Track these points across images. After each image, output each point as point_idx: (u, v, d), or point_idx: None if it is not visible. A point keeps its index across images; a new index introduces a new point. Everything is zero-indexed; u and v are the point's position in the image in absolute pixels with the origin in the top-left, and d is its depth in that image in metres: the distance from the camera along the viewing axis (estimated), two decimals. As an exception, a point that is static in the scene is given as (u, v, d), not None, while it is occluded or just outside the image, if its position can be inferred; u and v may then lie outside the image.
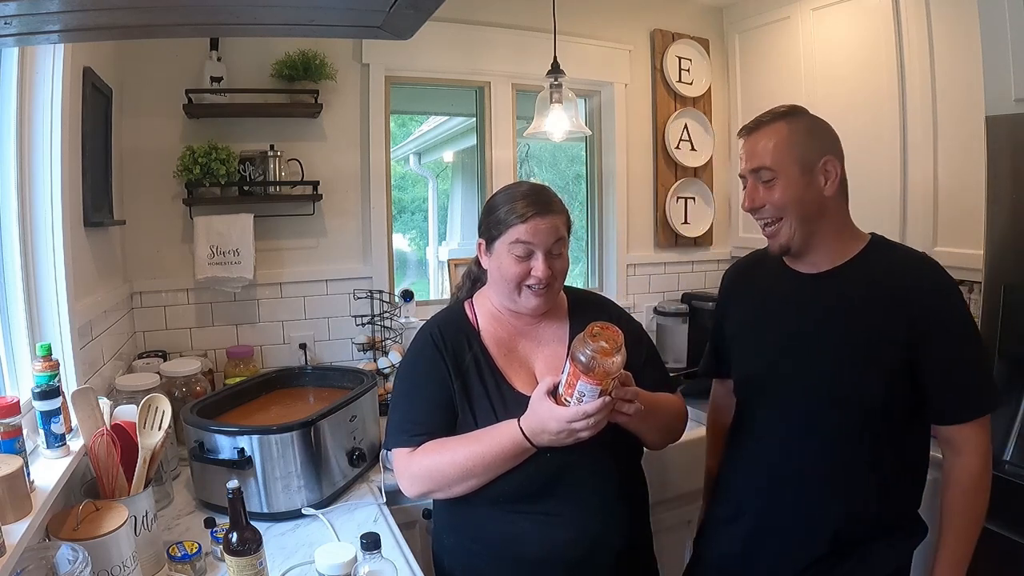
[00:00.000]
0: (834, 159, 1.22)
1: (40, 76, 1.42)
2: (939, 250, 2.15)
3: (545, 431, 1.12)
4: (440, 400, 1.28)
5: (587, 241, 3.10)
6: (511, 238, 1.26)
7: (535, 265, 1.26)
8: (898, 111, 2.24)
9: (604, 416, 1.10)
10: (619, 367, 1.08)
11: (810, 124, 1.25)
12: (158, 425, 1.36)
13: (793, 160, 1.21)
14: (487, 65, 2.64)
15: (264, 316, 2.36)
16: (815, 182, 1.22)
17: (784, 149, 1.21)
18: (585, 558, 1.23)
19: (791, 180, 1.21)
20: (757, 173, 1.24)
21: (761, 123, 1.26)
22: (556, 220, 1.27)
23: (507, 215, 1.27)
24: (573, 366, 1.08)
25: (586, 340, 1.07)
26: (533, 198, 1.27)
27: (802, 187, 1.21)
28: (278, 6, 0.87)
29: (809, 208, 1.23)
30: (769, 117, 1.26)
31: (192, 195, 2.15)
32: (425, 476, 1.25)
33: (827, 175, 1.22)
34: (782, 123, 1.24)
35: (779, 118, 1.25)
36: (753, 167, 1.25)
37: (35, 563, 1.00)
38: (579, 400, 1.08)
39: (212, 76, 2.14)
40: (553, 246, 1.26)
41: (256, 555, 1.17)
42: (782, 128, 1.23)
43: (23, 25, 0.79)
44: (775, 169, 1.22)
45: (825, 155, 1.22)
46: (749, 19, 2.89)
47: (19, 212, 1.38)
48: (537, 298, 1.29)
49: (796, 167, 1.21)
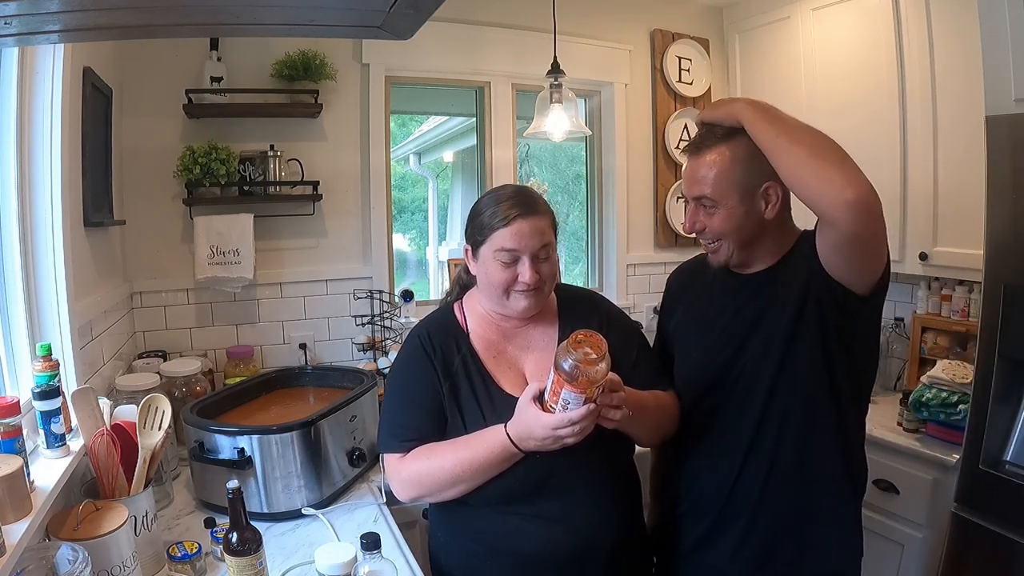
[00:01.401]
0: (775, 184, 1.21)
1: (40, 76, 1.42)
2: (939, 250, 2.16)
3: (531, 437, 1.13)
4: (429, 404, 1.28)
5: (587, 241, 3.10)
6: (496, 245, 1.24)
7: (522, 271, 1.24)
8: (898, 111, 2.24)
9: (590, 423, 1.10)
10: (603, 374, 1.07)
11: (751, 148, 1.20)
12: (158, 425, 1.36)
13: (733, 188, 1.22)
14: (487, 65, 2.64)
15: (264, 316, 2.36)
16: (755, 208, 1.23)
17: (725, 178, 1.22)
18: (579, 555, 1.24)
19: (731, 209, 1.23)
20: (699, 201, 1.26)
21: (703, 146, 1.25)
22: (540, 222, 1.25)
23: (490, 219, 1.25)
24: (557, 374, 1.07)
25: (569, 348, 1.06)
26: (516, 199, 1.25)
27: (741, 215, 1.23)
28: (278, 6, 0.87)
29: (748, 232, 1.25)
30: (711, 142, 1.24)
31: (192, 195, 2.15)
32: (415, 481, 1.25)
33: (768, 199, 1.23)
34: (723, 147, 1.22)
35: (721, 142, 1.23)
36: (694, 195, 1.26)
37: (35, 563, 1.00)
38: (564, 407, 1.08)
39: (212, 76, 2.14)
40: (540, 250, 1.25)
41: (256, 555, 1.17)
42: (724, 153, 1.22)
43: (23, 25, 0.79)
44: (715, 199, 1.23)
45: (766, 180, 1.21)
46: (749, 19, 2.88)
47: (19, 212, 1.38)
48: (526, 300, 1.27)
49: (736, 195, 1.22)
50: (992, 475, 1.63)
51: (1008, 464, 1.64)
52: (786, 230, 1.30)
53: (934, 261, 2.17)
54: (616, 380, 1.13)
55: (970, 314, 2.22)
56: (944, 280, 2.31)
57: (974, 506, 1.68)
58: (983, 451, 1.65)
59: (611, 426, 1.14)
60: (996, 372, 1.64)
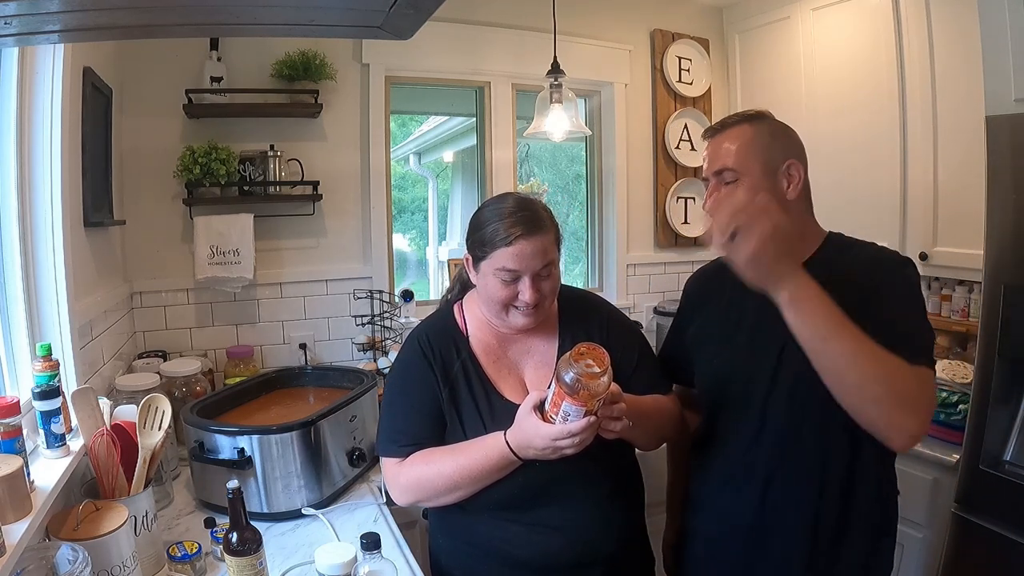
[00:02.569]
0: (797, 163, 1.22)
1: (40, 76, 1.42)
2: (939, 250, 2.16)
3: (531, 446, 1.12)
4: (428, 409, 1.27)
5: (587, 241, 3.10)
6: (497, 263, 1.21)
7: (522, 289, 1.22)
8: (898, 111, 2.24)
9: (589, 435, 1.09)
10: (605, 387, 1.06)
11: (774, 128, 1.24)
12: (158, 425, 1.36)
13: (756, 162, 1.20)
14: (487, 65, 2.64)
15: (264, 316, 2.36)
16: (777, 185, 1.21)
17: (748, 151, 1.21)
18: (578, 562, 1.24)
19: (754, 183, 1.20)
20: (720, 175, 1.23)
21: (725, 125, 1.25)
22: (544, 240, 1.22)
23: (492, 235, 1.21)
24: (558, 386, 1.06)
25: (571, 361, 1.05)
26: (519, 216, 1.21)
27: (764, 189, 1.19)
28: (278, 6, 0.87)
29: None
30: (734, 120, 1.25)
31: (192, 195, 2.15)
32: (414, 487, 1.25)
33: (790, 179, 1.21)
34: (746, 126, 1.23)
35: (743, 121, 1.24)
36: (716, 169, 1.24)
37: (35, 563, 1.00)
38: (564, 419, 1.07)
39: (212, 76, 2.14)
40: (542, 269, 1.23)
41: (256, 555, 1.17)
42: (746, 130, 1.22)
43: (23, 25, 0.79)
44: (738, 170, 1.21)
45: (788, 158, 1.21)
46: (749, 19, 2.89)
47: (19, 212, 1.38)
48: (525, 317, 1.26)
49: (759, 168, 1.20)
50: (992, 475, 1.63)
51: (1008, 464, 1.64)
52: (807, 222, 1.26)
53: (934, 261, 2.17)
54: (617, 391, 1.12)
55: (970, 314, 2.22)
56: (944, 280, 2.31)
57: (974, 506, 1.68)
58: (983, 451, 1.65)
59: (611, 436, 1.14)
60: (996, 372, 1.64)
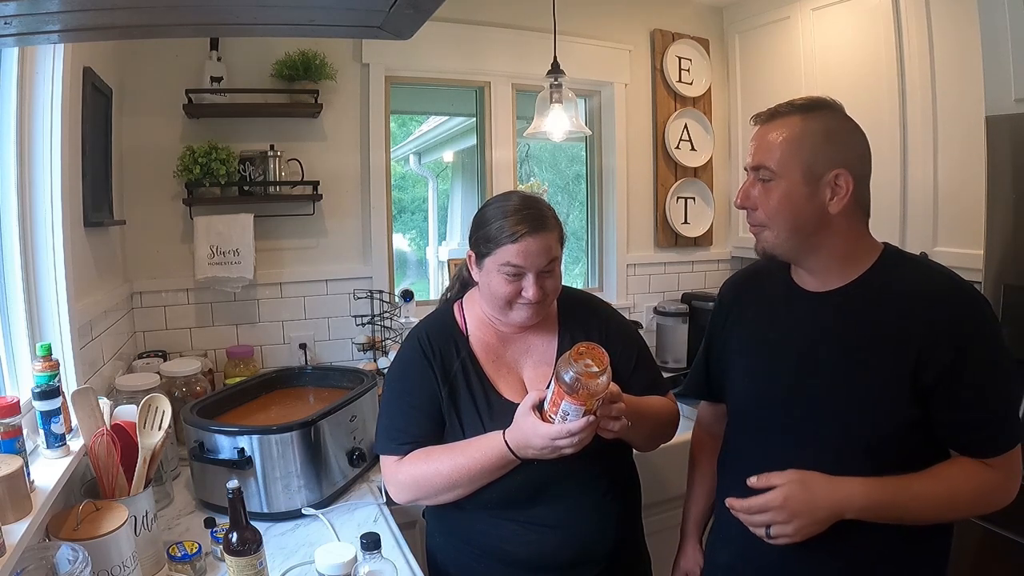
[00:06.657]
0: (847, 174, 1.06)
1: (40, 76, 1.42)
2: (939, 250, 2.16)
3: (529, 446, 1.12)
4: (427, 408, 1.28)
5: (587, 241, 3.10)
6: (501, 260, 1.22)
7: (526, 286, 1.23)
8: (898, 111, 2.24)
9: (588, 435, 1.09)
10: (604, 387, 1.06)
11: (830, 126, 1.08)
12: (158, 425, 1.36)
13: (798, 163, 1.07)
14: (487, 65, 2.64)
15: (264, 316, 2.36)
16: (819, 195, 1.07)
17: (791, 150, 1.07)
18: (575, 561, 1.24)
19: (791, 186, 1.07)
20: (757, 171, 1.11)
21: (777, 114, 1.11)
22: (548, 239, 1.23)
23: (497, 232, 1.22)
24: (558, 385, 1.06)
25: (571, 360, 1.05)
26: (524, 213, 1.22)
27: (801, 197, 1.07)
28: (278, 6, 0.87)
29: (804, 221, 1.08)
30: (786, 109, 1.10)
31: (192, 195, 2.15)
32: (412, 485, 1.25)
33: (835, 190, 1.06)
34: (798, 118, 1.08)
35: (796, 112, 1.09)
36: (754, 164, 1.12)
37: (35, 563, 1.00)
38: (563, 418, 1.07)
39: (212, 76, 2.14)
40: (545, 266, 1.23)
41: (256, 555, 1.17)
42: (796, 124, 1.08)
43: (23, 25, 0.79)
44: (776, 171, 1.08)
45: (837, 167, 1.06)
46: (749, 19, 2.89)
47: (19, 212, 1.38)
48: (528, 312, 1.26)
49: (799, 172, 1.07)
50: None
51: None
52: (858, 236, 1.12)
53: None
54: (616, 391, 1.12)
55: (970, 314, 2.21)
56: (944, 280, 2.31)
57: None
58: (983, 451, 1.65)
59: (610, 436, 1.14)
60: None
